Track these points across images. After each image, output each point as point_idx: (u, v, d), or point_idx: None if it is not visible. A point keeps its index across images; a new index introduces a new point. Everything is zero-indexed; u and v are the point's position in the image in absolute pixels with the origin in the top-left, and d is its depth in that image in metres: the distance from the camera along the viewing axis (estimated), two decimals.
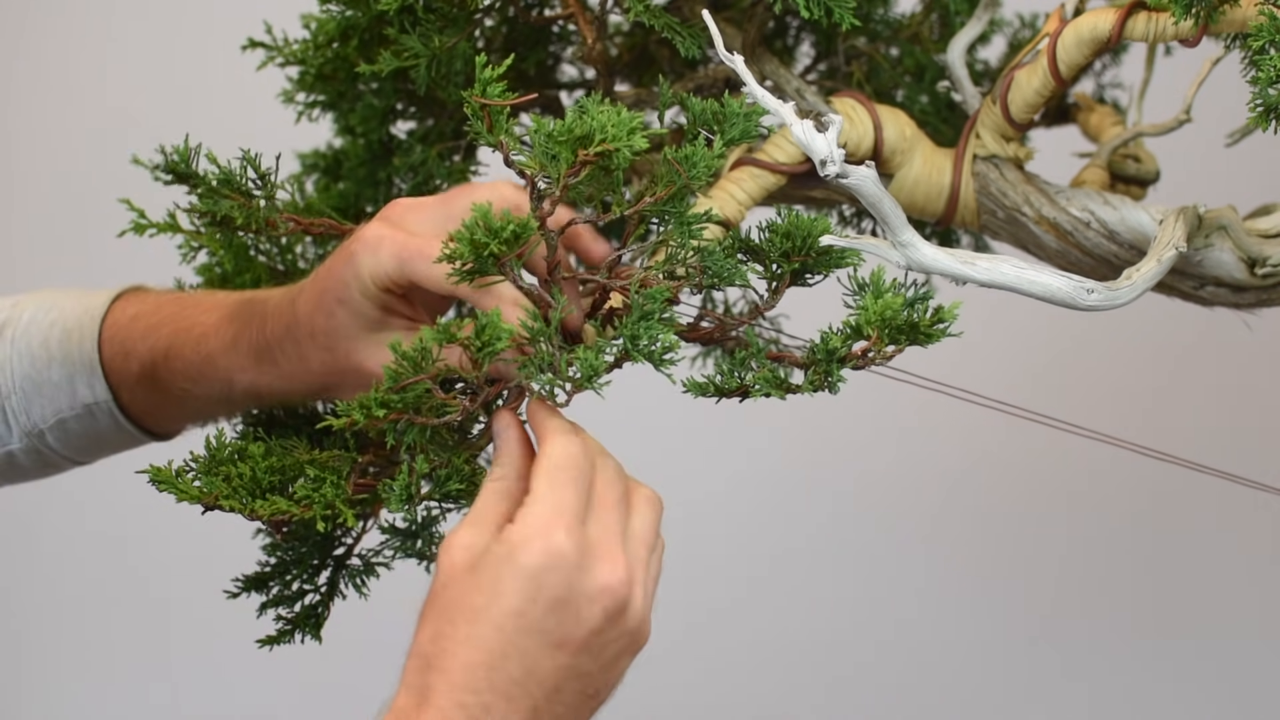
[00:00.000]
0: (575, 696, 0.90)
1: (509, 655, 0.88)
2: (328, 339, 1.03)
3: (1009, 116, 1.14)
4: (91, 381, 1.17)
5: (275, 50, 1.27)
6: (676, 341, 0.94)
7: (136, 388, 1.16)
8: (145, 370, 1.14)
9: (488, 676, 0.88)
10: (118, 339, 1.16)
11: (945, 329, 0.97)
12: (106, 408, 1.17)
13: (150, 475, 1.01)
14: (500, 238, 0.91)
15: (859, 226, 1.33)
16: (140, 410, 1.18)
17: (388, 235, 1.01)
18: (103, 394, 1.17)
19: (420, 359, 0.92)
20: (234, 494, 1.00)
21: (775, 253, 1.01)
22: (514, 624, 0.88)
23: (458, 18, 1.16)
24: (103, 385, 1.17)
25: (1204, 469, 1.17)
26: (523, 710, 0.88)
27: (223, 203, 1.04)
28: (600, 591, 0.89)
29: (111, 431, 1.19)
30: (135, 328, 1.15)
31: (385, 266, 1.00)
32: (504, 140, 0.94)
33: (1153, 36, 1.07)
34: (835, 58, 1.31)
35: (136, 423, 1.18)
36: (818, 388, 0.97)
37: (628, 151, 0.92)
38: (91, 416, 1.18)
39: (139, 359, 1.14)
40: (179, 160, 1.03)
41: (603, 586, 0.89)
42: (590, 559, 0.89)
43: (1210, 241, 1.11)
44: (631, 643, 0.92)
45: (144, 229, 1.22)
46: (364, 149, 1.28)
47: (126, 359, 1.15)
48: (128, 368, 1.15)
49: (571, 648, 0.89)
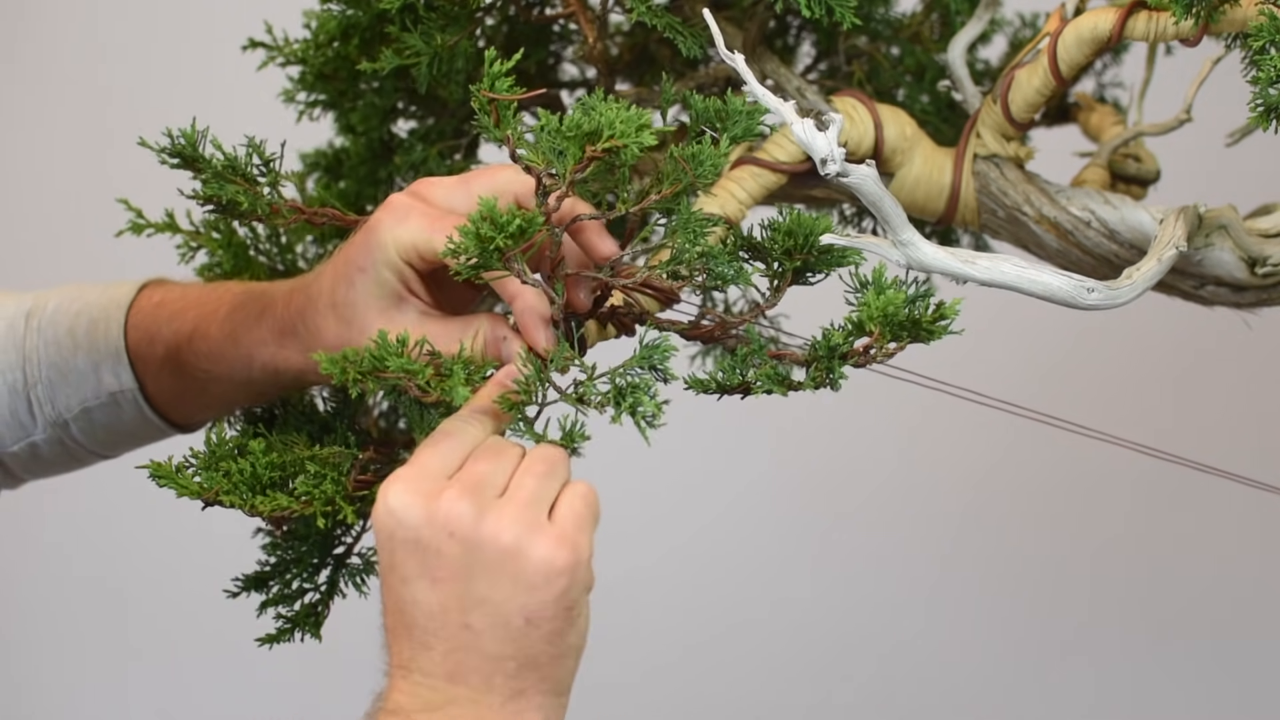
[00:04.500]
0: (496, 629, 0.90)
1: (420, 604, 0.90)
2: (348, 310, 1.02)
3: (1009, 116, 1.14)
4: (117, 369, 1.17)
5: (276, 50, 1.27)
6: (660, 409, 0.94)
7: (161, 373, 1.16)
8: (170, 354, 1.14)
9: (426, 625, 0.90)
10: (143, 325, 1.17)
11: (947, 326, 0.97)
12: (131, 396, 1.18)
13: (150, 470, 1.01)
14: (506, 231, 0.91)
15: (860, 225, 1.33)
16: (165, 398, 1.18)
17: (417, 206, 1.01)
18: (128, 381, 1.17)
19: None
20: (234, 490, 1.00)
21: (777, 251, 1.01)
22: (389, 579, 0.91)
23: (459, 16, 1.16)
24: (128, 373, 1.17)
25: (1204, 469, 1.17)
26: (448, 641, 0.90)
27: (228, 187, 1.04)
28: (447, 519, 0.89)
29: (136, 422, 1.19)
30: (161, 313, 1.16)
31: (412, 235, 1.00)
32: (511, 135, 0.94)
33: (1153, 36, 1.07)
34: (836, 57, 1.31)
35: (160, 412, 1.19)
36: (819, 385, 0.97)
37: (635, 148, 0.92)
38: (116, 405, 1.18)
39: (164, 342, 1.15)
40: (185, 144, 1.03)
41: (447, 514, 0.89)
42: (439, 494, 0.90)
43: (1210, 241, 1.11)
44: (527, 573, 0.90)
45: (142, 229, 1.23)
46: (365, 148, 1.28)
47: (152, 344, 1.16)
48: (153, 353, 1.16)
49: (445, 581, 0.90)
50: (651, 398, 0.93)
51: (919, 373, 1.06)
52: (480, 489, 0.90)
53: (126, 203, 1.23)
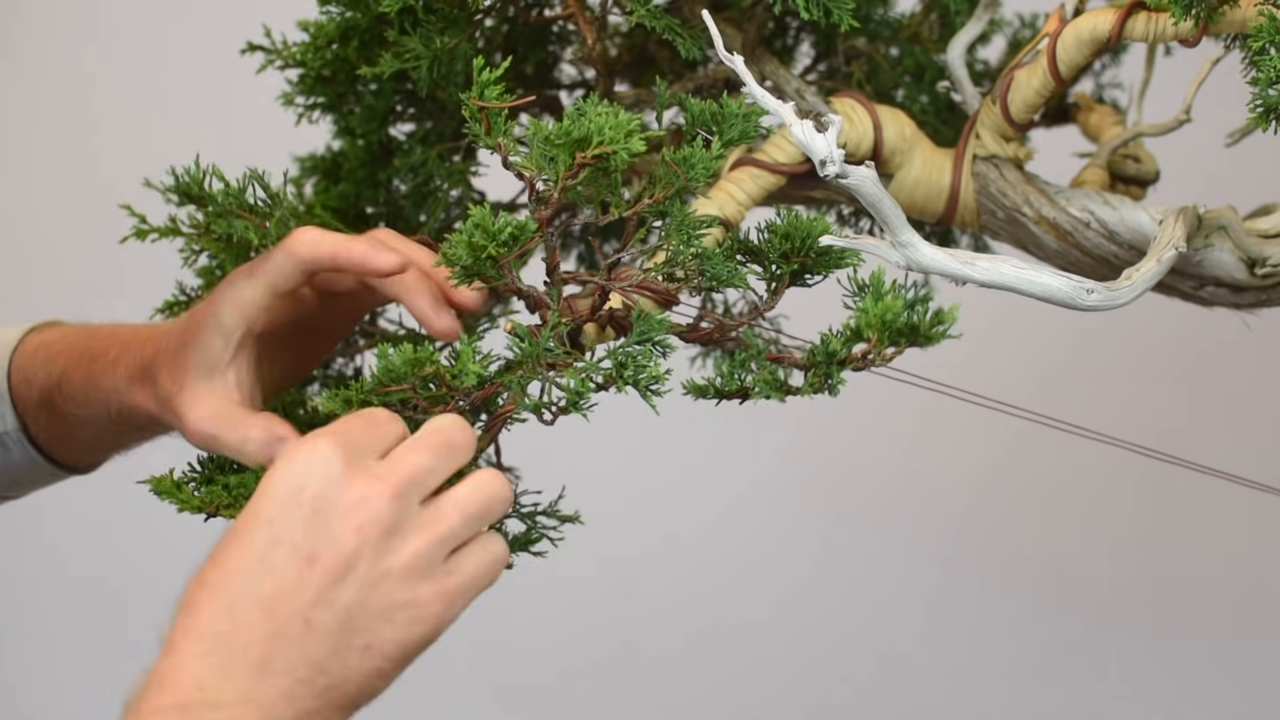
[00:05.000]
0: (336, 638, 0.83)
1: (255, 573, 0.82)
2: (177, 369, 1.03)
3: (1009, 116, 1.14)
4: (2, 410, 1.19)
5: (275, 54, 1.27)
6: (665, 374, 0.94)
7: (39, 415, 1.18)
8: (43, 397, 1.16)
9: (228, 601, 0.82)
10: (24, 367, 1.18)
11: (945, 331, 0.97)
12: (17, 437, 1.19)
13: (151, 486, 1.02)
14: (498, 240, 0.92)
15: (858, 227, 1.33)
16: (45, 439, 1.19)
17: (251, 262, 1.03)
18: (12, 423, 1.19)
19: (405, 368, 0.93)
20: (235, 503, 1.00)
21: (774, 253, 1.01)
22: (264, 535, 0.83)
23: (458, 19, 1.16)
24: (11, 414, 1.19)
25: (1205, 469, 1.17)
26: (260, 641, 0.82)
27: (236, 223, 1.05)
28: (355, 504, 0.83)
29: (25, 463, 1.21)
30: (39, 356, 1.17)
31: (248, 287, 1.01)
32: (502, 142, 0.94)
33: (1153, 36, 1.07)
34: (835, 58, 1.31)
35: (45, 453, 1.20)
36: (817, 390, 0.97)
37: (625, 154, 0.92)
38: (4, 447, 1.20)
39: (39, 385, 1.16)
40: (191, 182, 1.04)
41: (359, 498, 0.83)
42: (355, 471, 0.83)
43: (1210, 241, 1.11)
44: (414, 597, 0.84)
45: (145, 234, 1.23)
46: (364, 151, 1.28)
47: (29, 386, 1.17)
48: (30, 395, 1.17)
49: (323, 566, 0.82)
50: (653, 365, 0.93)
51: (919, 375, 1.06)
52: (407, 495, 0.85)
53: (129, 208, 1.23)
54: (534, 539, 1.01)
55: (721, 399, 1.00)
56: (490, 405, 0.98)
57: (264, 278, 1.01)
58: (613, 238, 1.34)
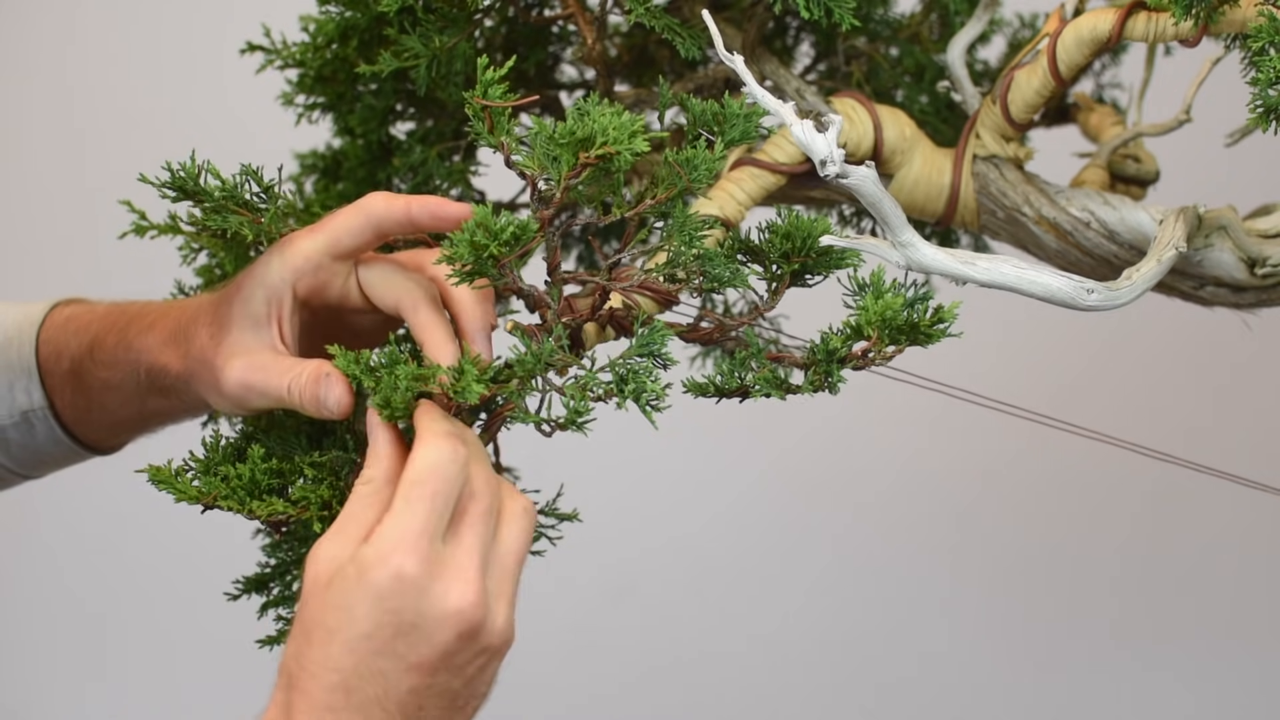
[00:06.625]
0: (440, 711, 0.90)
1: (364, 676, 0.89)
2: (216, 324, 1.04)
3: (1009, 116, 1.14)
4: (29, 387, 1.18)
5: (274, 53, 1.27)
6: (663, 393, 0.94)
7: (65, 388, 1.17)
8: (74, 367, 1.16)
9: (345, 697, 0.89)
10: (53, 340, 1.18)
11: (945, 329, 0.97)
12: (42, 414, 1.19)
13: (149, 475, 1.01)
14: (500, 239, 0.92)
15: (859, 226, 1.33)
16: (71, 414, 1.19)
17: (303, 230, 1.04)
18: (39, 399, 1.18)
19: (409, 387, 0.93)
20: (232, 494, 1.00)
21: (775, 253, 1.01)
22: (366, 647, 0.89)
23: (458, 18, 1.16)
24: (39, 390, 1.18)
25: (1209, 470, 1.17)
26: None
27: (231, 219, 1.05)
28: (450, 615, 0.89)
29: (49, 441, 1.20)
30: (69, 327, 1.17)
31: (294, 252, 1.02)
32: (505, 141, 0.94)
33: (1153, 36, 1.07)
34: (835, 58, 1.31)
35: (69, 430, 1.20)
36: (818, 388, 0.97)
37: (629, 154, 0.92)
38: (29, 424, 1.20)
39: (70, 356, 1.16)
40: (186, 178, 1.04)
41: (453, 610, 0.89)
42: (441, 582, 0.89)
43: (1210, 241, 1.11)
44: (493, 656, 0.92)
45: (144, 230, 1.23)
46: (363, 150, 1.28)
47: (59, 359, 1.17)
48: (60, 368, 1.17)
49: (426, 669, 0.89)
50: (653, 381, 0.93)
51: (920, 375, 1.06)
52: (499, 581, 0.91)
53: (129, 204, 1.23)
54: (533, 538, 1.01)
55: (722, 397, 1.00)
56: (489, 404, 0.98)
57: (327, 234, 1.02)
58: (613, 238, 1.34)
